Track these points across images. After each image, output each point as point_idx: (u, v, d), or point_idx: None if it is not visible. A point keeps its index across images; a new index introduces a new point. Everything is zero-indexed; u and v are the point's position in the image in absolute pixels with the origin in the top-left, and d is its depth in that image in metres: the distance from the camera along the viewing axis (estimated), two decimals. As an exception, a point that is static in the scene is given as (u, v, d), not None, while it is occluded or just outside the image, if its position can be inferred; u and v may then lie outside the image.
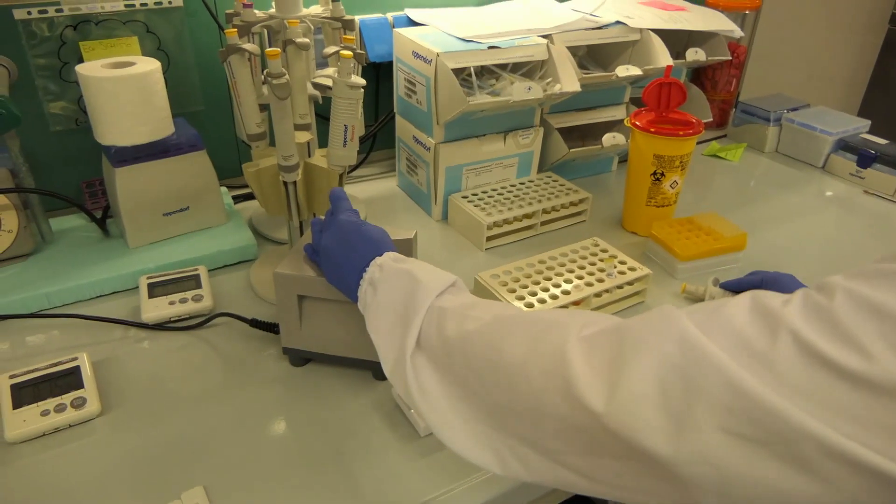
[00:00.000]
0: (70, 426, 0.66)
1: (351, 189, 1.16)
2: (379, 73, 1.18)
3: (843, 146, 1.32)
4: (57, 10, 0.89)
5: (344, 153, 0.78)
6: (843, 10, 2.02)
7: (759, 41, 2.03)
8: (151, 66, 0.83)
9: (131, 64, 0.82)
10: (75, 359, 0.71)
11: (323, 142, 0.81)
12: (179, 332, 0.80)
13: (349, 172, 1.22)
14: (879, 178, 1.24)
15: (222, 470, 0.62)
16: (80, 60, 0.92)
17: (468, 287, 0.87)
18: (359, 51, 0.80)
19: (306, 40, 0.79)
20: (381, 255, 0.60)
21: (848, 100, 2.12)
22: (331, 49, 0.81)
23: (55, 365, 0.70)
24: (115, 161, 0.85)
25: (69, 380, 0.69)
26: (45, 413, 0.65)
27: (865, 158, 1.26)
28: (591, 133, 1.20)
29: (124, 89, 0.80)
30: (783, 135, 1.41)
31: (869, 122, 1.37)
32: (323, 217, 0.70)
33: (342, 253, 0.63)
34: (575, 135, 1.19)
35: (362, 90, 0.75)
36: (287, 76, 0.71)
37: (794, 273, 0.95)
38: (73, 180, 1.00)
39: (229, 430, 0.67)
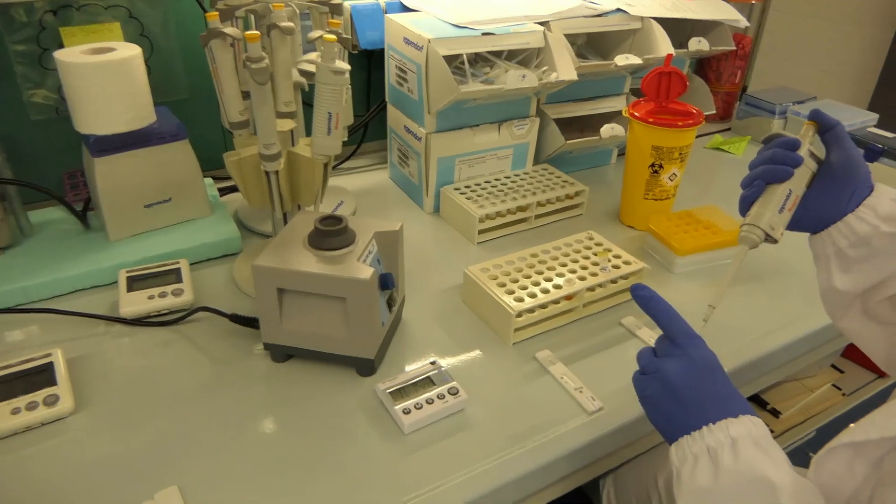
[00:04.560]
0: (42, 424, 0.64)
1: (341, 181, 1.13)
2: (371, 61, 1.15)
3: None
4: (36, -5, 0.86)
5: (328, 142, 0.75)
6: (853, 3, 1.99)
7: (768, 34, 1.99)
8: (132, 51, 0.80)
9: (111, 50, 0.80)
10: (49, 355, 0.69)
11: (309, 130, 0.79)
12: (159, 328, 0.77)
13: (340, 164, 1.19)
14: (886, 172, 1.21)
15: (199, 469, 0.60)
16: (61, 47, 0.89)
17: (458, 281, 0.85)
18: (344, 35, 0.78)
19: (291, 24, 0.76)
20: (735, 417, 0.51)
21: (858, 95, 2.08)
22: (315, 33, 0.78)
23: (27, 361, 0.68)
24: (95, 151, 0.83)
25: (42, 377, 0.67)
26: (15, 411, 0.63)
27: (872, 152, 1.23)
28: (590, 124, 1.17)
29: (103, 76, 0.78)
30: (788, 128, 1.37)
31: (877, 116, 1.34)
32: None
33: (690, 396, 0.53)
34: (574, 126, 1.16)
35: (347, 76, 0.73)
36: (267, 60, 0.69)
37: (798, 267, 0.93)
38: (55, 171, 0.98)
39: (208, 429, 0.64)
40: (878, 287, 0.61)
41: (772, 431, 0.99)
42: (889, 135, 1.26)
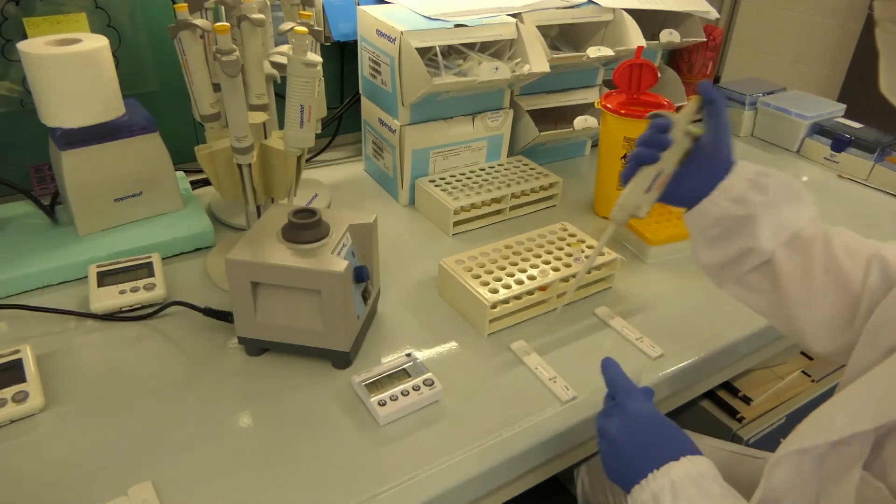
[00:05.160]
0: (11, 422, 0.63)
1: (316, 174, 1.13)
2: (344, 53, 1.14)
3: (818, 130, 1.31)
4: (-2, -16, 0.84)
5: (301, 134, 0.75)
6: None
7: (740, 25, 2.02)
8: (99, 43, 0.78)
9: (77, 41, 0.78)
10: (17, 351, 0.68)
11: (282, 123, 0.78)
12: (131, 323, 0.77)
13: (314, 156, 1.18)
14: (853, 162, 1.23)
15: (174, 464, 0.60)
16: (25, 38, 0.87)
17: (433, 273, 0.85)
18: (316, 27, 0.77)
19: (261, 16, 0.75)
20: (676, 459, 0.53)
21: (828, 85, 2.12)
22: (287, 25, 0.78)
23: (-5, 359, 0.66)
24: (62, 144, 0.81)
25: (11, 374, 0.66)
26: (-17, 409, 0.62)
27: (840, 143, 1.26)
28: (564, 116, 1.17)
29: (69, 68, 0.76)
30: (758, 119, 1.39)
31: (844, 107, 1.36)
32: None
33: (631, 448, 0.56)
34: (548, 118, 1.17)
35: (319, 68, 0.72)
36: (237, 52, 0.68)
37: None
38: (21, 165, 0.95)
39: (182, 424, 0.64)
40: (735, 261, 0.64)
41: (743, 418, 1.01)
42: (856, 125, 1.29)
